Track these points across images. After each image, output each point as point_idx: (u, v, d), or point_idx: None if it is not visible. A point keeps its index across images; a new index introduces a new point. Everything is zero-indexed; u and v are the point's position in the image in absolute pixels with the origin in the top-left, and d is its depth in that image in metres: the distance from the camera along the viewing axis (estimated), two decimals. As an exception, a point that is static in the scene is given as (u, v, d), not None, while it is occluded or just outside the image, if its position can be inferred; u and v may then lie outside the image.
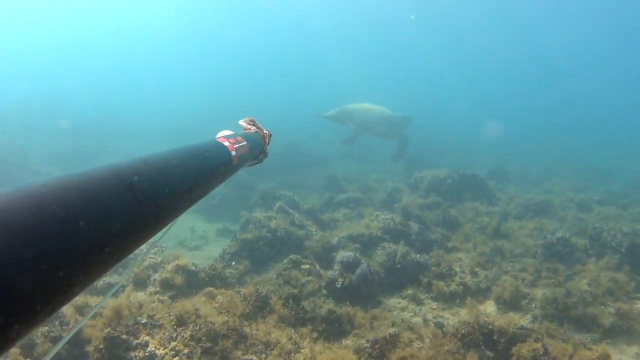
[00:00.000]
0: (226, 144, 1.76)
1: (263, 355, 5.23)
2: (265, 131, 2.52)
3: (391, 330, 6.77)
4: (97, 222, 0.77)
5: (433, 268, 9.16)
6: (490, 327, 6.51)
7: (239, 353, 5.28)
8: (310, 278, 8.50)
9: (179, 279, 7.42)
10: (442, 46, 61.67)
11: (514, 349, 5.99)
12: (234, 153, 1.76)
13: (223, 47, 75.35)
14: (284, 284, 8.12)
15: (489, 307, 8.11)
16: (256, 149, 2.26)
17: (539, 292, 8.05)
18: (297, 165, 20.06)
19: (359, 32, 58.77)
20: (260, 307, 6.58)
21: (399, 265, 9.24)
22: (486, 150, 24.68)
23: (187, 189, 1.22)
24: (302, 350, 5.43)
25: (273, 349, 5.37)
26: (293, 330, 6.14)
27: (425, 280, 8.85)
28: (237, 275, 8.81)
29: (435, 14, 48.85)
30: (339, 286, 8.20)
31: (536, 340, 5.90)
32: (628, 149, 29.64)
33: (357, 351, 6.26)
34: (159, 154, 1.18)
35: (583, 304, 7.01)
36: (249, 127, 2.46)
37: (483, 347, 6.43)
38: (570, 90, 68.63)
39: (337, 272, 8.47)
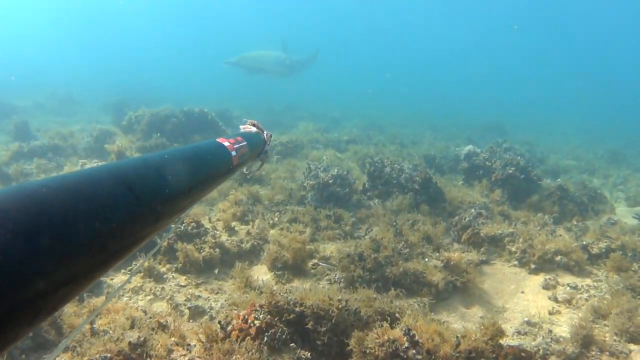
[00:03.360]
0: (226, 144, 1.72)
1: None
2: (266, 133, 2.45)
3: (132, 338, 3.62)
4: (97, 223, 0.74)
5: (173, 226, 6.16)
6: (298, 309, 4.02)
7: None
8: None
9: None
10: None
11: (351, 341, 3.63)
12: (234, 153, 1.72)
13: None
14: None
15: (263, 275, 5.65)
16: (256, 149, 2.20)
17: (328, 248, 5.94)
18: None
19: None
20: None
21: (118, 226, 5.94)
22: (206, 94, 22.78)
23: (187, 189, 1.18)
24: None
25: None
26: None
27: (165, 244, 5.83)
28: None
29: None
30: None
31: (393, 325, 3.65)
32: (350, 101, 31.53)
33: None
34: (158, 154, 1.16)
35: (400, 258, 5.13)
36: (249, 128, 2.40)
37: (294, 345, 3.89)
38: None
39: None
